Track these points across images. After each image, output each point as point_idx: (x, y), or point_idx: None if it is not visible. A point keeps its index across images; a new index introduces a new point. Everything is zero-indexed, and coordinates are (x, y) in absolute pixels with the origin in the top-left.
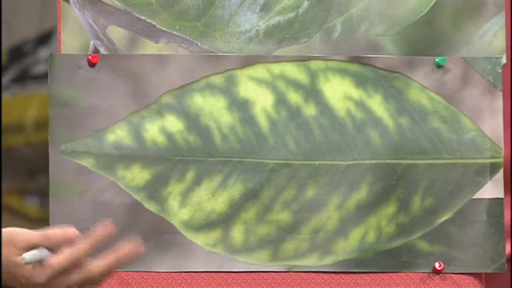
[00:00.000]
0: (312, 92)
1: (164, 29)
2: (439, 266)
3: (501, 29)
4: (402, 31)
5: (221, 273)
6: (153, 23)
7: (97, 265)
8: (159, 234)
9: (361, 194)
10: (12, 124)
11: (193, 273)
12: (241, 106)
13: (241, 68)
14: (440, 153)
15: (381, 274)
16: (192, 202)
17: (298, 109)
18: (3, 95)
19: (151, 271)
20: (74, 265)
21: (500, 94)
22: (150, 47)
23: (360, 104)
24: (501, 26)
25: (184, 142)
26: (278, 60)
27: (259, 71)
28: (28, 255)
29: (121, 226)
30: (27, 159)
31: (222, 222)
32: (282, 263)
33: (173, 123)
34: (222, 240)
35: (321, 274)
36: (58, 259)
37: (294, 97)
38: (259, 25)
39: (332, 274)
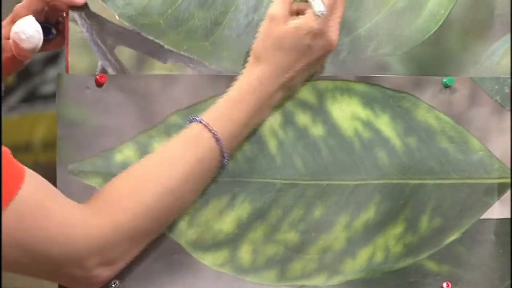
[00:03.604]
0: (319, 112)
1: (172, 49)
2: (447, 286)
3: (508, 49)
4: (410, 51)
5: None
6: (161, 43)
7: None
8: (168, 254)
9: (369, 214)
10: (21, 143)
11: None
12: None
13: None
14: (448, 173)
15: None
16: (199, 222)
17: (305, 129)
18: (11, 115)
19: None
20: None
21: (508, 114)
22: (158, 67)
23: (367, 124)
24: (508, 46)
25: None
26: None
27: None
28: None
29: None
30: None
31: (229, 242)
32: (289, 283)
33: None
34: (230, 260)
35: None
36: None
37: (302, 117)
38: None
39: None
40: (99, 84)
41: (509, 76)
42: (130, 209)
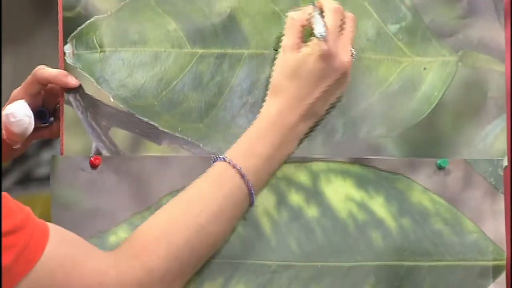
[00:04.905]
0: (313, 194)
1: (166, 130)
2: None
3: (502, 131)
4: (404, 133)
5: None
6: (156, 124)
7: None
8: None
9: None
10: None
11: None
12: None
13: None
14: (442, 255)
15: None
16: None
17: (300, 211)
18: None
19: None
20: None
21: (502, 196)
22: (152, 149)
23: (362, 206)
24: (502, 128)
25: None
26: None
27: None
28: None
29: None
30: None
31: None
32: None
33: None
34: None
35: None
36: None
37: (296, 198)
38: None
39: None
40: (93, 166)
41: (502, 158)
42: (161, 252)
